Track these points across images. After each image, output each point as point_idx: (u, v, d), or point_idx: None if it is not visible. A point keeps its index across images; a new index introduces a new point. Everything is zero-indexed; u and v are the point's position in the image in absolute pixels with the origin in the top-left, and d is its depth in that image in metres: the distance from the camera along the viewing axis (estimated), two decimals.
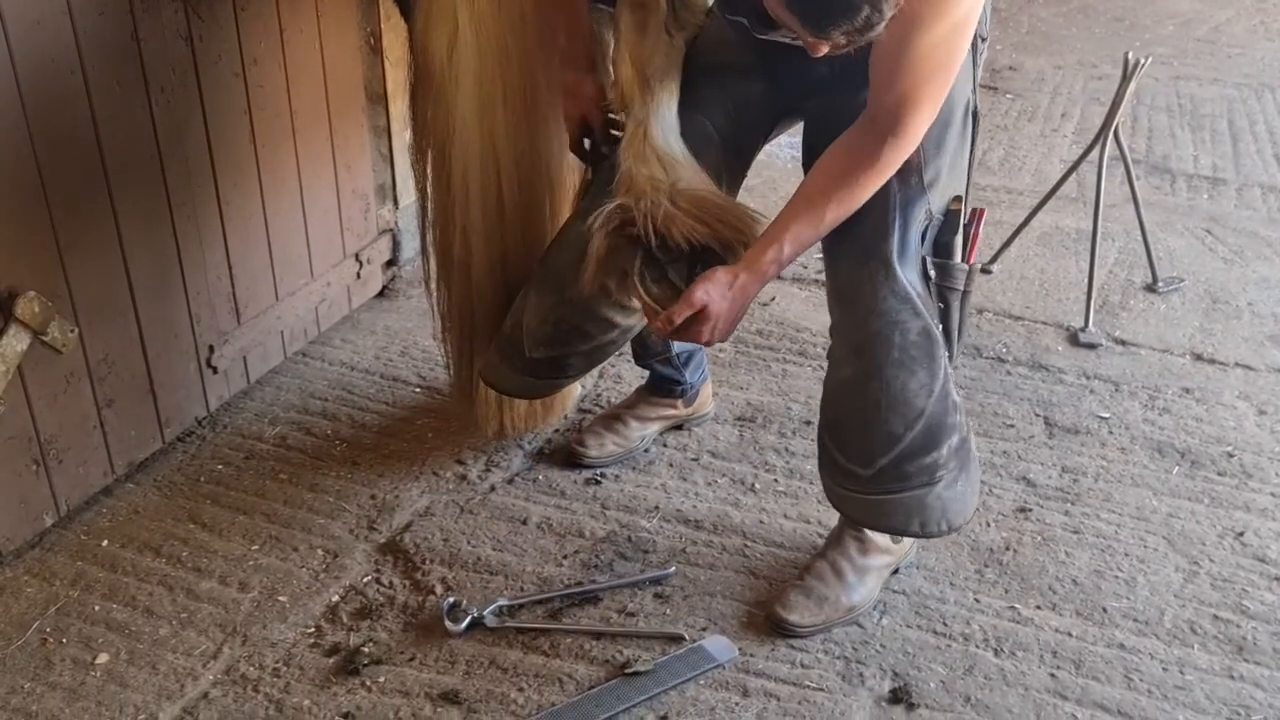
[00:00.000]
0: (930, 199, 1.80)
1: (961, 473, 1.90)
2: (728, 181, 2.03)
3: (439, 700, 1.89)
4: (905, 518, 1.89)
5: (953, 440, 1.87)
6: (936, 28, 1.59)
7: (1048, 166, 3.94)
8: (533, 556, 2.19)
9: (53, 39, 1.96)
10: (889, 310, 1.79)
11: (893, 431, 1.83)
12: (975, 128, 1.87)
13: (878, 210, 1.78)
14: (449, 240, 2.22)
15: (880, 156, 1.71)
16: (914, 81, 1.64)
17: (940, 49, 1.62)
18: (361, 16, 2.72)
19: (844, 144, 1.77)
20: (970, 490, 1.94)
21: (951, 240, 1.85)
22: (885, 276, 1.79)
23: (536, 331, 2.07)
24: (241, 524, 2.26)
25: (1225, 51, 5.14)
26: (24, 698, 1.88)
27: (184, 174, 2.29)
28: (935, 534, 1.92)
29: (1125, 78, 2.95)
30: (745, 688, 1.92)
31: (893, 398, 1.81)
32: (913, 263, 1.81)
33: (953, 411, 1.87)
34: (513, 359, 2.13)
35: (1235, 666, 1.97)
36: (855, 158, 1.74)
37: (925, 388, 1.82)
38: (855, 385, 1.85)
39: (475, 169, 2.11)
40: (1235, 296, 3.14)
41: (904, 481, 1.86)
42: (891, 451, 1.83)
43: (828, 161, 1.78)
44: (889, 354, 1.80)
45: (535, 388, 2.23)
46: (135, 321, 2.26)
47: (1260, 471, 2.45)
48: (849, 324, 1.86)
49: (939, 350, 1.83)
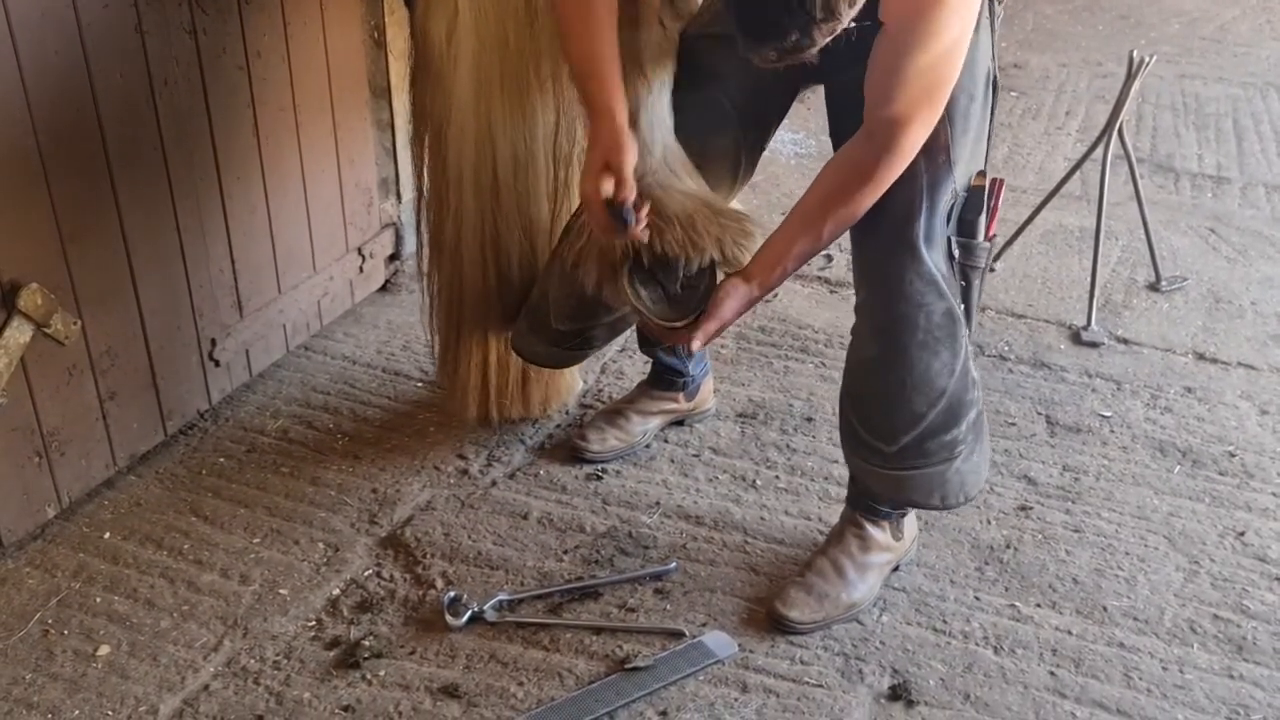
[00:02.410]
0: (956, 176, 1.81)
1: (977, 444, 1.95)
2: (745, 158, 2.05)
3: (439, 694, 1.89)
4: (926, 492, 1.94)
5: (971, 415, 1.91)
6: (929, 50, 1.60)
7: (1051, 164, 3.94)
8: (533, 551, 2.19)
9: (57, 31, 1.96)
10: (915, 294, 1.81)
11: (916, 411, 1.86)
12: (995, 98, 1.87)
13: (905, 192, 1.78)
14: (441, 223, 2.25)
15: (876, 172, 1.72)
16: (908, 100, 1.65)
17: (933, 71, 1.63)
18: (366, 10, 2.72)
19: (841, 159, 1.78)
20: (983, 460, 1.99)
21: (976, 220, 1.85)
22: (911, 260, 1.81)
23: (561, 305, 2.12)
24: (243, 517, 2.27)
25: (1231, 50, 5.13)
26: (25, 689, 1.89)
27: (187, 167, 2.29)
28: (953, 505, 1.98)
29: (1130, 76, 2.94)
30: (745, 683, 1.92)
31: (917, 378, 1.85)
32: (939, 244, 1.82)
33: (972, 388, 1.91)
34: (541, 330, 2.19)
35: (1235, 666, 1.97)
36: (852, 172, 1.75)
37: (947, 367, 1.85)
38: (880, 364, 1.88)
39: (470, 153, 2.12)
40: (1238, 296, 3.14)
41: (926, 458, 1.90)
42: (915, 430, 1.87)
43: (825, 177, 1.80)
44: (914, 336, 1.83)
45: (563, 357, 2.31)
46: (138, 314, 2.26)
47: (1261, 471, 2.45)
48: (875, 304, 1.88)
49: (961, 330, 1.86)
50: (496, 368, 2.38)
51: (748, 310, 1.91)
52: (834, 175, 1.79)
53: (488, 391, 2.39)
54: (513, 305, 2.28)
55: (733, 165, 2.04)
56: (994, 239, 1.91)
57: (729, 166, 2.04)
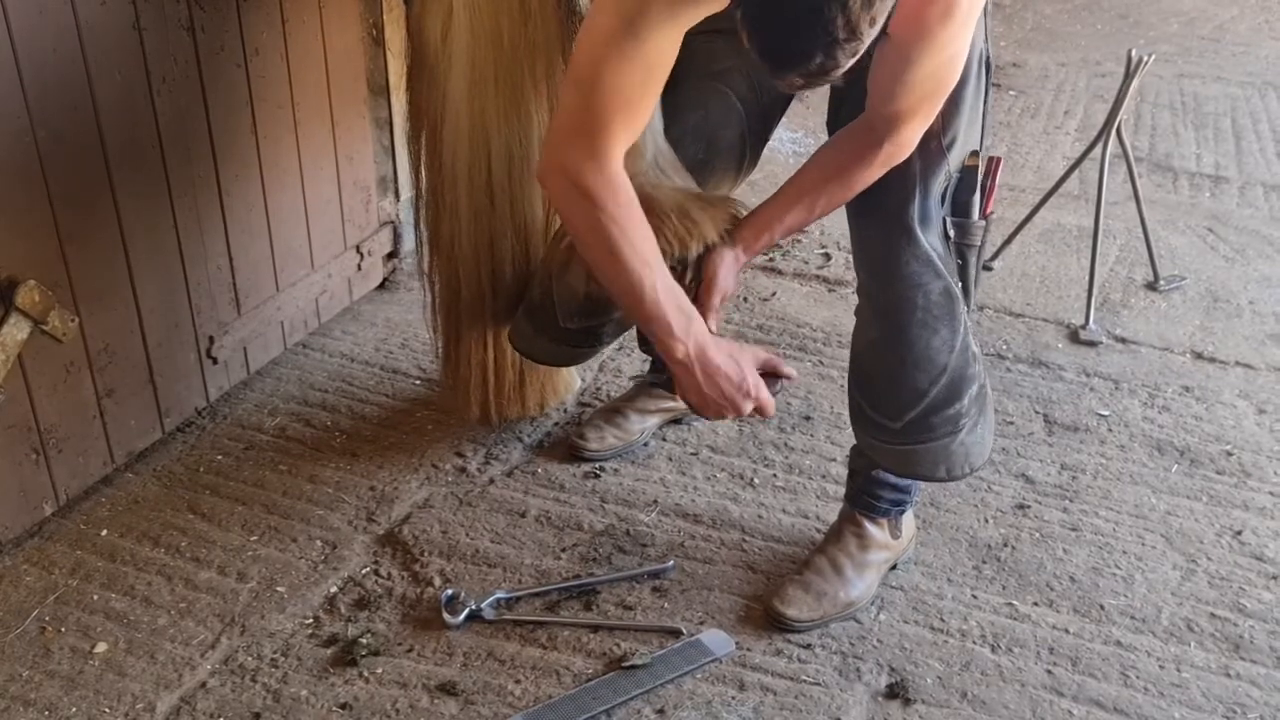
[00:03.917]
0: (949, 160, 1.84)
1: (981, 416, 1.98)
2: (750, 150, 2.07)
3: (436, 692, 1.89)
4: (932, 465, 1.97)
5: (973, 389, 1.94)
6: (931, 60, 1.62)
7: (1050, 163, 3.94)
8: (531, 549, 2.19)
9: (55, 28, 1.96)
10: (912, 275, 1.84)
11: (918, 387, 1.90)
12: (989, 76, 1.88)
13: (899, 177, 1.81)
14: (438, 221, 2.24)
15: (876, 158, 1.76)
16: (909, 102, 1.68)
17: (935, 77, 1.66)
18: (364, 8, 2.72)
19: (843, 140, 1.81)
20: (988, 430, 2.01)
21: (970, 199, 1.89)
22: (908, 242, 1.83)
23: (568, 304, 2.12)
24: (240, 514, 2.26)
25: (1229, 50, 5.14)
26: (22, 685, 1.89)
27: (185, 164, 2.29)
28: (959, 477, 2.01)
29: (1128, 75, 2.94)
30: (742, 681, 1.92)
31: (918, 356, 1.89)
32: (934, 225, 1.85)
33: (972, 363, 1.94)
34: (547, 329, 2.18)
35: (1232, 664, 1.98)
36: (852, 155, 1.79)
37: (947, 344, 1.89)
38: (882, 345, 1.92)
39: (464, 150, 2.12)
40: (1236, 295, 3.14)
41: (930, 433, 1.94)
42: (918, 406, 1.91)
43: (826, 154, 1.84)
44: (913, 315, 1.87)
45: (571, 355, 2.32)
46: (135, 311, 2.26)
47: (1259, 470, 2.45)
48: (874, 287, 1.92)
49: (959, 307, 1.89)
50: (495, 367, 2.38)
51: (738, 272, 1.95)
52: (833, 157, 1.82)
53: (487, 391, 2.39)
54: (507, 304, 2.27)
55: (738, 157, 2.08)
56: (992, 215, 1.94)
57: (735, 159, 2.07)
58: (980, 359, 1.98)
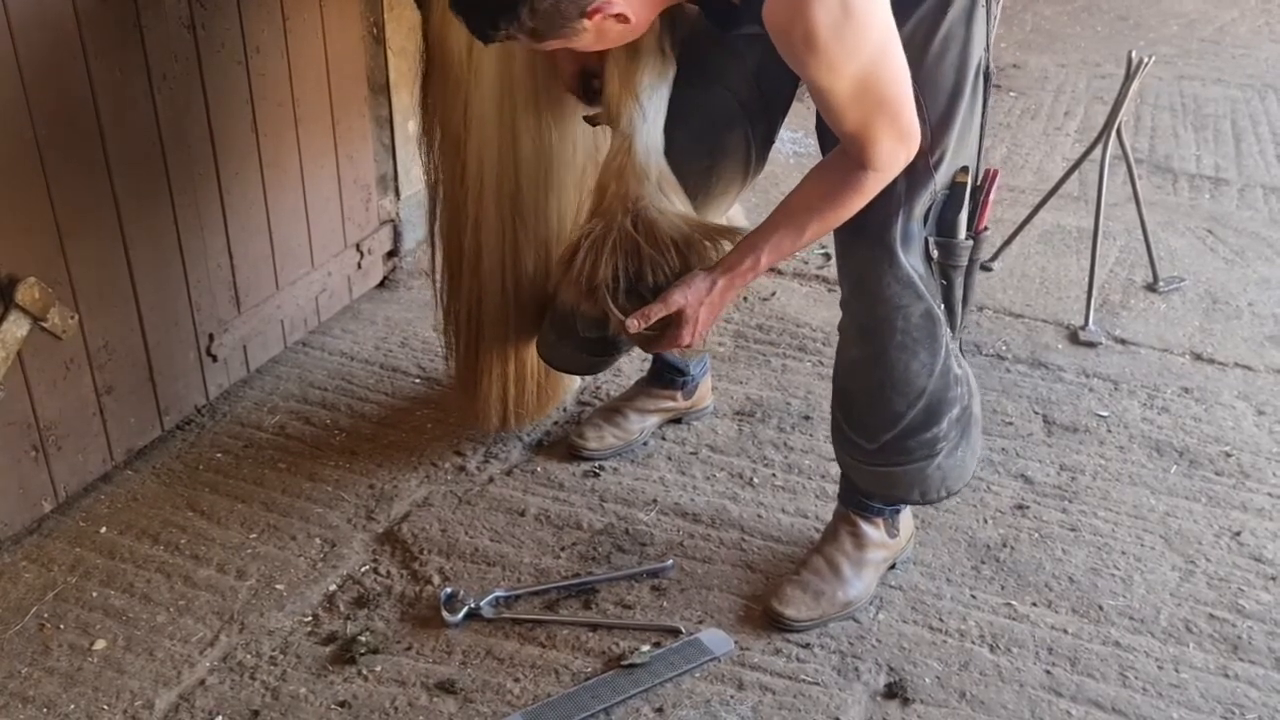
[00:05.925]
0: (936, 178, 1.80)
1: (962, 439, 1.97)
2: (756, 152, 2.05)
3: (435, 690, 1.89)
4: (907, 488, 1.98)
5: (953, 412, 1.93)
6: (844, 76, 1.57)
7: (1050, 165, 3.94)
8: (530, 548, 2.20)
9: (55, 25, 1.96)
10: (893, 296, 1.83)
11: (896, 410, 1.90)
12: (988, 88, 1.84)
13: (883, 197, 1.78)
14: (459, 233, 2.21)
15: (862, 184, 1.72)
16: (859, 121, 1.64)
17: (867, 90, 1.60)
18: (365, 6, 2.72)
19: (829, 165, 1.77)
20: (969, 454, 2.00)
21: (956, 218, 1.84)
22: (889, 264, 1.82)
23: (586, 314, 2.09)
24: (240, 512, 2.27)
25: (1229, 52, 5.14)
26: (21, 682, 1.89)
27: (185, 162, 2.29)
28: (935, 500, 2.01)
29: (1128, 77, 2.95)
30: (741, 681, 1.92)
31: (896, 379, 1.88)
32: (915, 247, 1.83)
33: (954, 385, 1.92)
34: (569, 337, 2.18)
35: (1230, 665, 1.98)
36: (838, 180, 1.74)
37: (926, 367, 1.88)
38: (862, 365, 1.92)
39: (491, 164, 2.09)
40: (1235, 297, 3.14)
41: (906, 455, 1.94)
42: (894, 429, 1.91)
43: (814, 179, 1.79)
44: (892, 338, 1.86)
45: (593, 364, 2.32)
46: (135, 309, 2.26)
47: (1258, 471, 2.46)
48: (856, 306, 1.92)
49: (940, 329, 1.88)
50: (516, 378, 2.36)
51: (721, 304, 1.88)
52: (822, 180, 1.77)
53: (507, 402, 2.38)
54: (532, 317, 2.26)
55: (744, 160, 2.05)
56: (985, 232, 1.89)
57: (740, 162, 2.05)
58: (965, 381, 1.95)
